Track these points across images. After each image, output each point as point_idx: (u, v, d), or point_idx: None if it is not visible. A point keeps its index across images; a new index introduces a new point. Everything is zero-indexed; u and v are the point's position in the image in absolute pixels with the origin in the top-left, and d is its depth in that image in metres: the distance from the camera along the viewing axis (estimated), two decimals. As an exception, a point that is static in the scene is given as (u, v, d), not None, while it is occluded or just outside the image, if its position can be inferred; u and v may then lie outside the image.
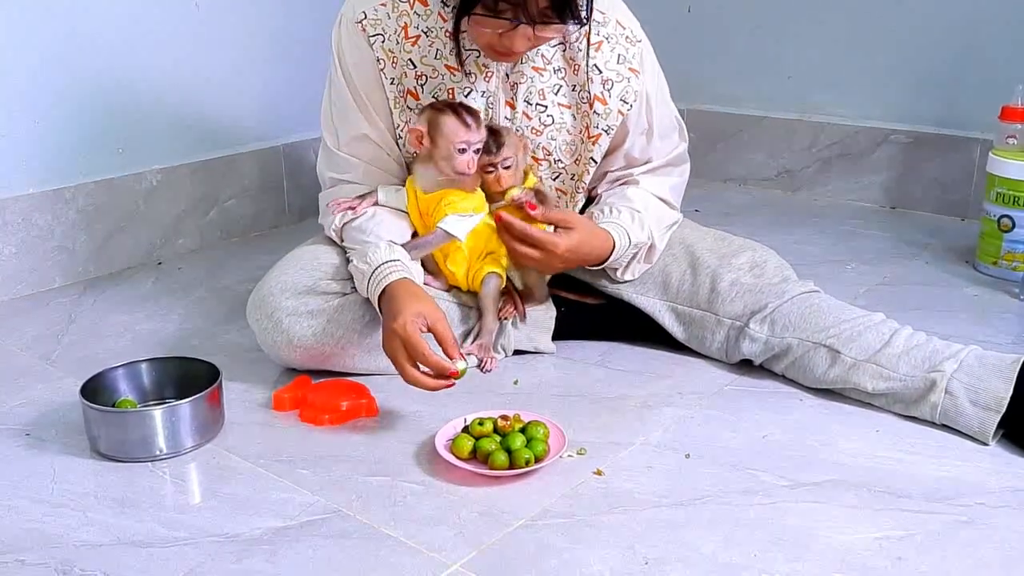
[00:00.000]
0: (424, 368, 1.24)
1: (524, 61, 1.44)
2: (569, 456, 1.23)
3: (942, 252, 1.99)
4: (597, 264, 1.47)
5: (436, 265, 1.48)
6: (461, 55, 1.41)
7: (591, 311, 1.56)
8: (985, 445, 1.25)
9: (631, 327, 1.54)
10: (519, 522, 1.09)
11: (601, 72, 1.45)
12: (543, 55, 1.45)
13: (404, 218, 1.45)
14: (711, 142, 2.54)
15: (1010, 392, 1.24)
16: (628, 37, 1.47)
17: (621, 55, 1.46)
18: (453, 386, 1.25)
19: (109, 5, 1.89)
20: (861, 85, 2.33)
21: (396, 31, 1.40)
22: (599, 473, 1.19)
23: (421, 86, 1.43)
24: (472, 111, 1.38)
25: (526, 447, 1.18)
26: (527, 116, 1.46)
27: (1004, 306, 1.72)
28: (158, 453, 1.23)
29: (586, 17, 1.32)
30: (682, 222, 1.58)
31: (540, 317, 1.54)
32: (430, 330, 1.26)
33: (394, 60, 1.41)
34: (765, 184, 2.51)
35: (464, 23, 1.34)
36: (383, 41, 1.40)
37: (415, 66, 1.42)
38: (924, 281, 1.84)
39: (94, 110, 1.90)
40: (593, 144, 1.48)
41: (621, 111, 1.46)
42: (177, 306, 1.77)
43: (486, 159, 1.40)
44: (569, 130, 1.48)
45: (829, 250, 2.02)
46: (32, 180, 1.83)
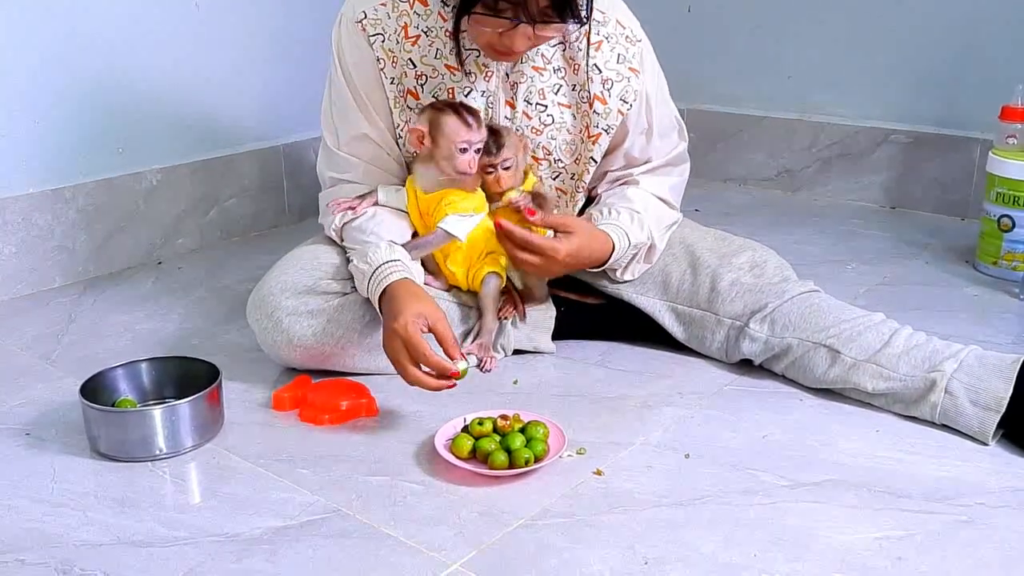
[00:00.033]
0: (425, 368, 1.24)
1: (524, 61, 1.44)
2: (569, 456, 1.23)
3: (942, 252, 1.99)
4: (597, 266, 1.47)
5: (436, 265, 1.48)
6: (461, 55, 1.41)
7: (591, 311, 1.56)
8: (985, 445, 1.25)
9: (631, 327, 1.54)
10: (519, 522, 1.09)
11: (601, 72, 1.45)
12: (543, 55, 1.45)
13: (404, 218, 1.45)
14: (711, 142, 2.54)
15: (1010, 392, 1.24)
16: (628, 37, 1.47)
17: (621, 55, 1.46)
18: (455, 387, 1.25)
19: (109, 5, 1.89)
20: (861, 85, 2.33)
21: (396, 31, 1.40)
22: (599, 473, 1.19)
23: (421, 86, 1.43)
24: (473, 111, 1.38)
25: (526, 447, 1.18)
26: (527, 116, 1.46)
27: (1004, 306, 1.71)
28: (158, 453, 1.23)
29: (586, 16, 1.33)
30: (682, 222, 1.58)
31: (540, 317, 1.54)
32: (431, 330, 1.26)
33: (394, 60, 1.41)
34: (765, 184, 2.51)
35: (464, 22, 1.34)
36: (383, 41, 1.40)
37: (415, 66, 1.42)
38: (924, 281, 1.84)
39: (94, 110, 1.90)
40: (593, 144, 1.48)
41: (621, 111, 1.46)
42: (177, 306, 1.77)
43: (486, 160, 1.40)
44: (569, 130, 1.48)
45: (829, 250, 2.02)
46: (32, 180, 1.83)
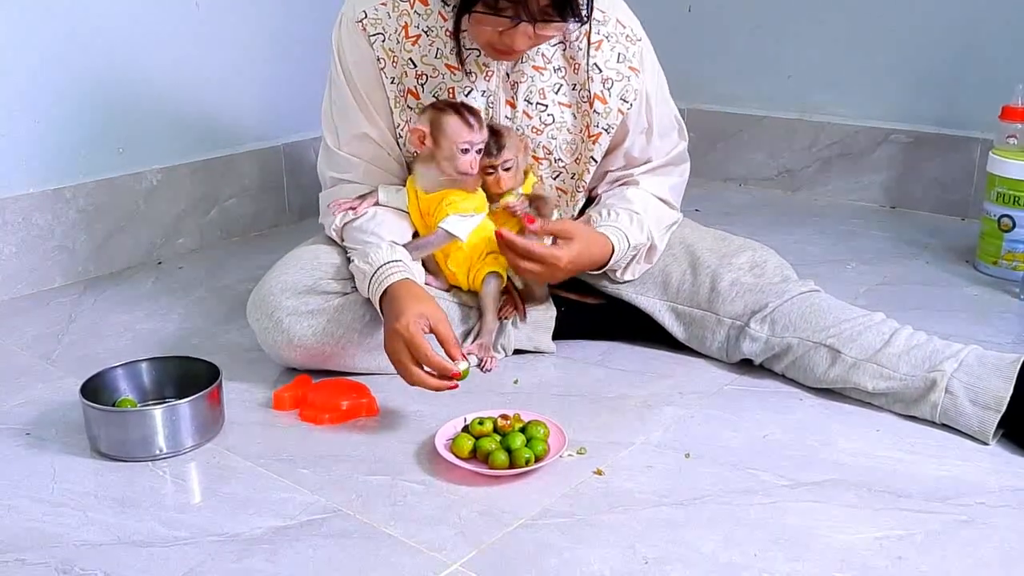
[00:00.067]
0: (427, 369, 1.24)
1: (524, 60, 1.44)
2: (569, 456, 1.23)
3: (942, 252, 1.99)
4: (597, 269, 1.47)
5: (437, 265, 1.48)
6: (461, 54, 1.41)
7: (591, 311, 1.56)
8: (985, 445, 1.25)
9: (631, 327, 1.54)
10: (519, 522, 1.09)
11: (601, 71, 1.45)
12: (543, 54, 1.45)
13: (405, 218, 1.45)
14: (711, 142, 2.54)
15: (1010, 391, 1.24)
16: (628, 36, 1.47)
17: (621, 54, 1.46)
18: (456, 387, 1.25)
19: (109, 5, 1.88)
20: (861, 85, 2.33)
21: (396, 30, 1.40)
22: (599, 473, 1.19)
23: (421, 85, 1.43)
24: (474, 111, 1.38)
25: (526, 447, 1.18)
26: (527, 115, 1.46)
27: (1004, 306, 1.71)
28: (158, 453, 1.23)
29: (586, 15, 1.33)
30: (682, 222, 1.58)
31: (540, 317, 1.54)
32: (432, 331, 1.26)
33: (394, 59, 1.41)
34: (765, 184, 2.51)
35: (464, 22, 1.35)
36: (383, 40, 1.40)
37: (415, 65, 1.42)
38: (924, 281, 1.84)
39: (94, 110, 1.90)
40: (593, 143, 1.48)
41: (621, 110, 1.46)
42: (177, 306, 1.77)
43: (487, 161, 1.40)
44: (569, 129, 1.48)
45: (829, 250, 2.02)
46: (32, 180, 1.83)
